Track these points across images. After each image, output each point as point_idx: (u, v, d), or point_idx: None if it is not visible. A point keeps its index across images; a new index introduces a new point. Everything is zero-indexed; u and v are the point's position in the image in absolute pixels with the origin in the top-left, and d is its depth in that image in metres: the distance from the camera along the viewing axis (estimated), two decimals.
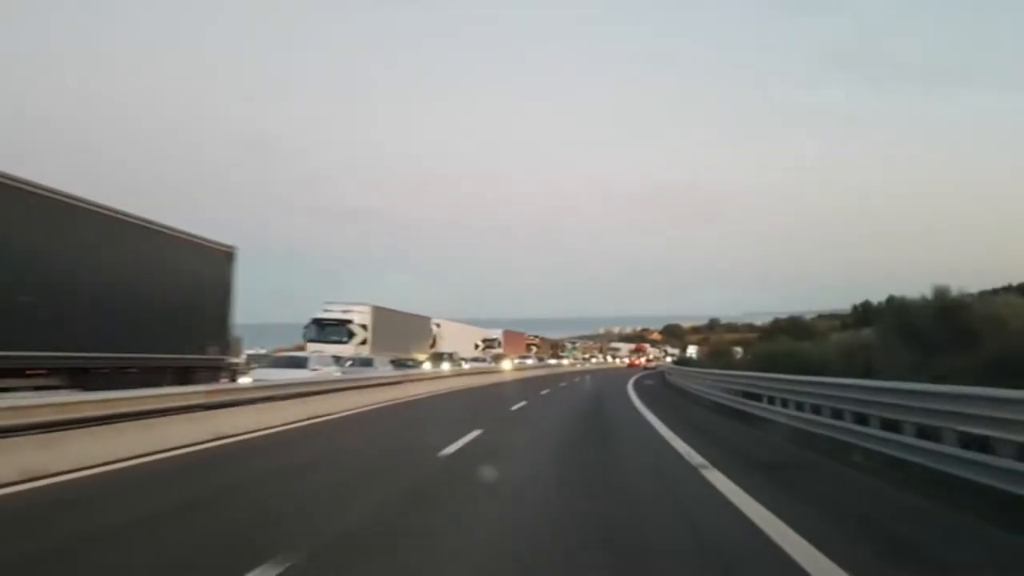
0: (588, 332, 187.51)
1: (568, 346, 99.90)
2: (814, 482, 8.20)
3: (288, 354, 25.17)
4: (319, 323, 34.09)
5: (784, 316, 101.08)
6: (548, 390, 29.73)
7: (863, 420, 9.26)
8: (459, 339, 53.13)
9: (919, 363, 12.41)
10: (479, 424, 13.39)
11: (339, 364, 24.73)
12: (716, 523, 5.98)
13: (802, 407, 11.94)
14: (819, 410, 10.94)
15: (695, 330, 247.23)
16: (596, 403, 23.04)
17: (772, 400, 14.13)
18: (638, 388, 33.32)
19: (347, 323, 33.68)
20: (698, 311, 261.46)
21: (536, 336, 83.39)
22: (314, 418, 14.54)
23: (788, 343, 21.18)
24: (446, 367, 35.63)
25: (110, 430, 8.75)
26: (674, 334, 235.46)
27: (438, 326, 48.80)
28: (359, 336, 33.75)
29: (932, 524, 6.03)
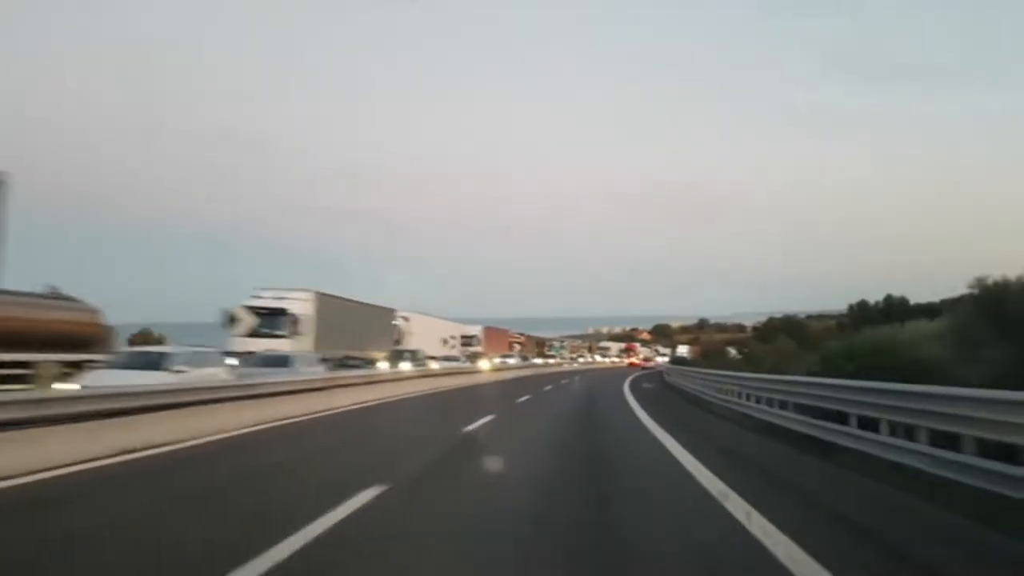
0: (577, 332, 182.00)
1: (555, 345, 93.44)
2: None
3: (141, 349, 18.78)
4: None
5: (778, 316, 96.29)
6: (528, 396, 23.72)
7: None
8: (432, 335, 47.04)
9: None
10: (383, 474, 7.35)
11: (238, 361, 18.58)
12: None
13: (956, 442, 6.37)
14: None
15: (684, 330, 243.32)
16: (589, 419, 17.04)
17: (870, 424, 8.57)
18: (637, 392, 27.35)
19: (281, 313, 27.29)
20: (687, 311, 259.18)
21: (521, 334, 77.24)
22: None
23: (870, 336, 15.03)
24: (406, 367, 29.49)
25: None
26: (663, 334, 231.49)
27: (406, 320, 42.65)
28: (298, 329, 27.45)
29: None
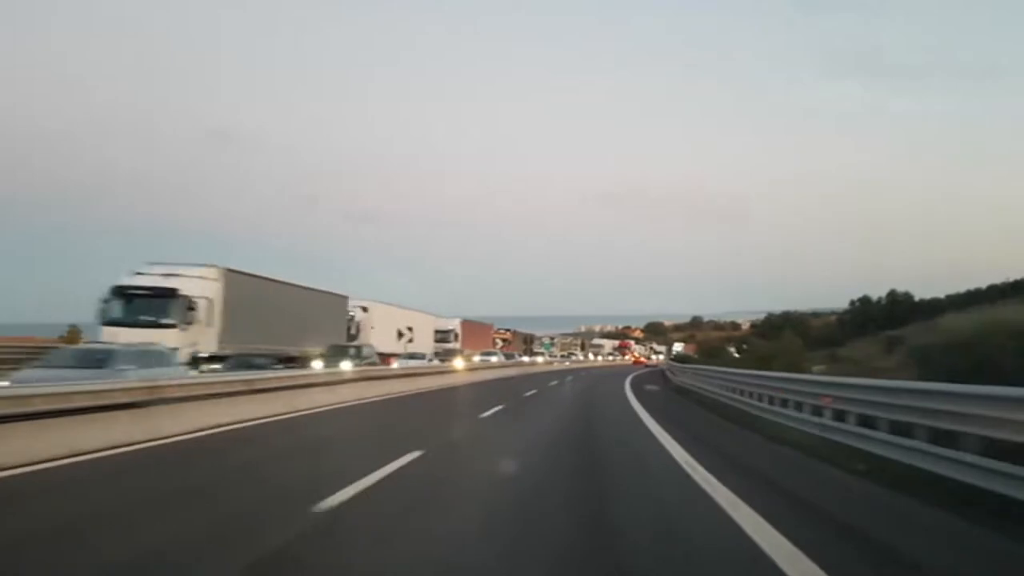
0: (570, 330, 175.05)
1: (546, 341, 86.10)
2: None
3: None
4: (125, 294, 20.49)
5: (776, 313, 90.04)
6: (501, 406, 16.88)
7: None
8: (399, 329, 39.98)
9: None
10: None
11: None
12: None
13: None
14: None
15: (677, 328, 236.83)
16: (588, 451, 10.19)
17: None
18: (643, 397, 20.55)
19: (170, 295, 20.18)
20: (679, 310, 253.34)
21: (508, 330, 70.18)
22: None
23: None
24: (346, 366, 22.51)
25: None
26: (656, 331, 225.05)
27: (365, 311, 35.54)
28: (193, 316, 20.35)
29: None
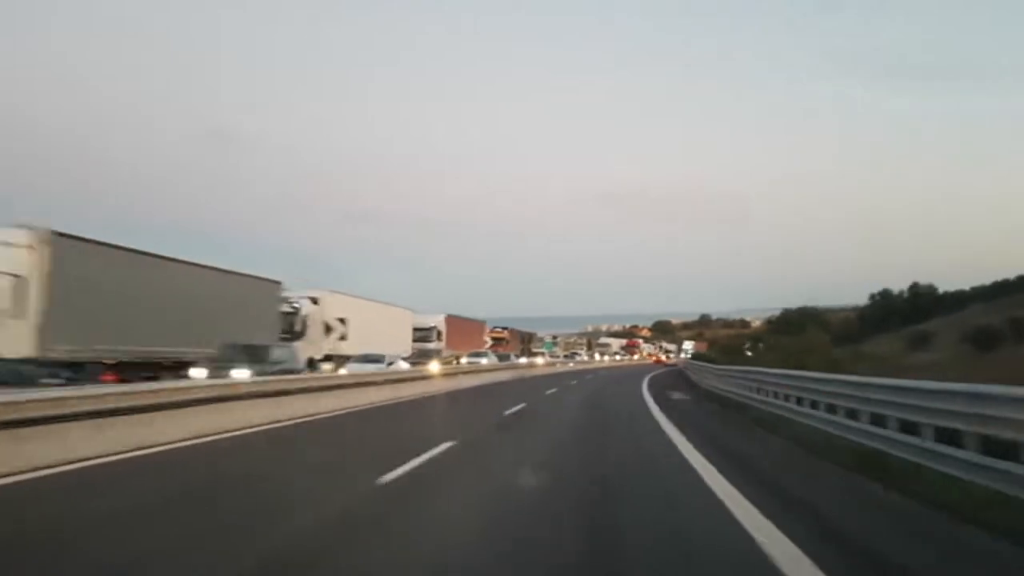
0: (576, 330, 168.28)
1: (547, 340, 78.73)
2: None
3: None
4: None
5: (792, 309, 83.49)
6: (447, 444, 9.88)
7: None
8: (373, 327, 32.75)
9: None
10: None
11: None
12: None
13: None
14: None
15: (686, 326, 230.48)
16: None
17: None
18: (667, 406, 13.51)
19: None
20: (685, 308, 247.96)
21: (504, 328, 63.08)
22: None
23: None
24: (241, 376, 15.53)
25: None
26: (664, 330, 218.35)
27: (314, 302, 28.47)
28: None
29: None
